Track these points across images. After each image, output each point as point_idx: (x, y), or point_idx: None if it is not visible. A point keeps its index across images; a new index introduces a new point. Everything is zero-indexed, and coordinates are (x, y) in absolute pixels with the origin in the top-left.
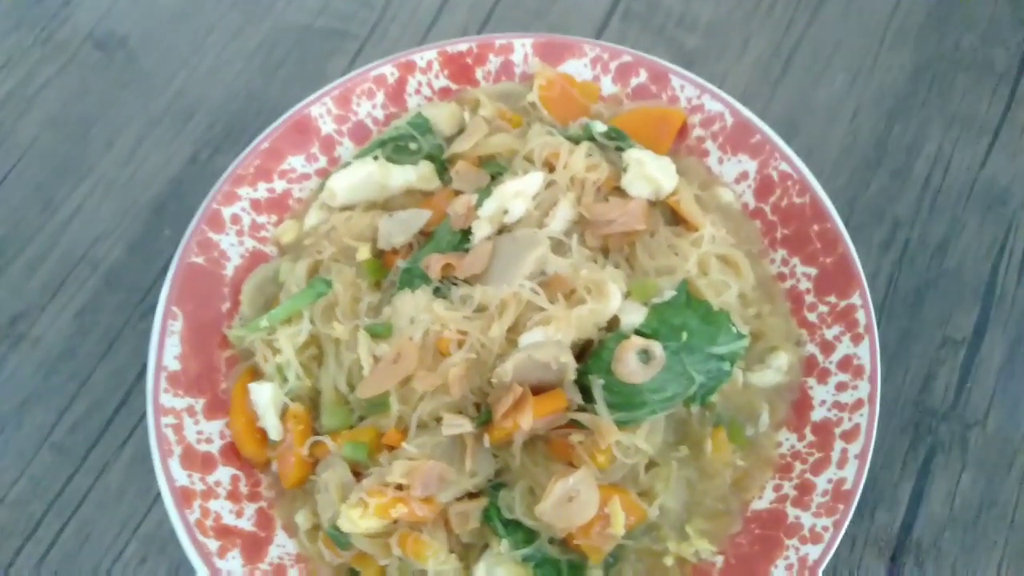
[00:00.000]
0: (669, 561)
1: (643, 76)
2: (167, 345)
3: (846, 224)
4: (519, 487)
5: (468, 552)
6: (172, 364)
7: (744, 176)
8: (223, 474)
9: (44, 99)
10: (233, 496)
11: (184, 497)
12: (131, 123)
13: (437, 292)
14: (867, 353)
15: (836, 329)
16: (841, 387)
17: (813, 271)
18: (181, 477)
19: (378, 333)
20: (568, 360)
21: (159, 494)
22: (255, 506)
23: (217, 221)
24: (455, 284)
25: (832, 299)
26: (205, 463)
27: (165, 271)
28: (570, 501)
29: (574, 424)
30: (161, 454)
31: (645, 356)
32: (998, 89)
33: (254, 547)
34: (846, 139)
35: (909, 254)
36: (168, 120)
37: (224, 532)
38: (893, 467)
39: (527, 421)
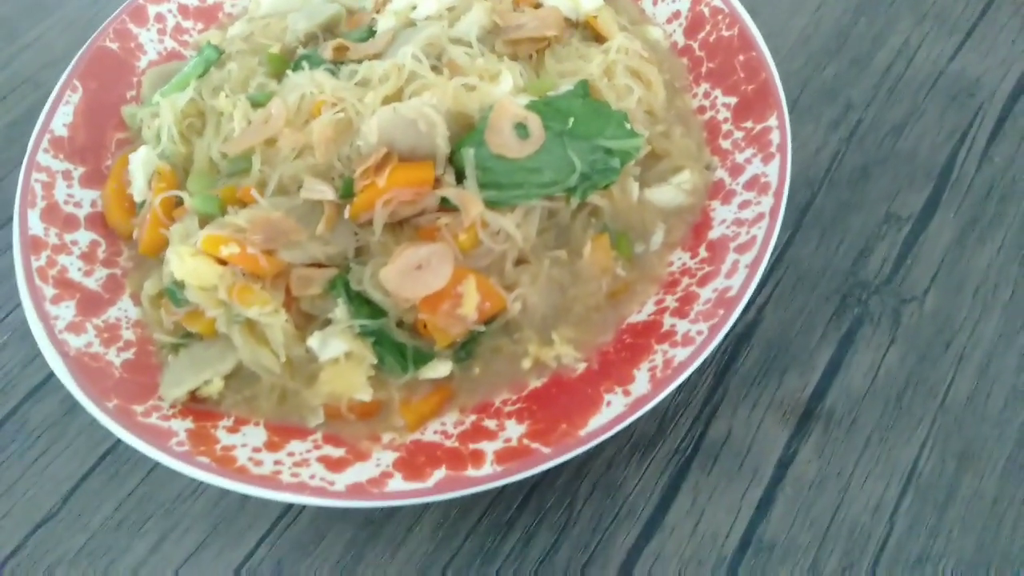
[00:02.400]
0: (527, 364)
1: None
2: (59, 112)
3: (795, 103)
4: (373, 262)
5: (308, 324)
6: (60, 131)
7: (676, 16)
8: (83, 237)
9: None
10: (87, 258)
11: (34, 245)
12: None
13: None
14: (775, 171)
15: (748, 152)
16: (744, 205)
17: (733, 100)
18: (36, 227)
19: (258, 101)
20: (438, 121)
21: None
22: (108, 271)
23: (140, 15)
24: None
25: (748, 124)
26: (67, 222)
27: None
28: (418, 269)
29: (445, 210)
30: (22, 204)
31: (524, 131)
32: None
33: (93, 303)
34: (807, 28)
35: (859, 134)
36: None
37: (65, 284)
38: (811, 334)
39: (383, 179)
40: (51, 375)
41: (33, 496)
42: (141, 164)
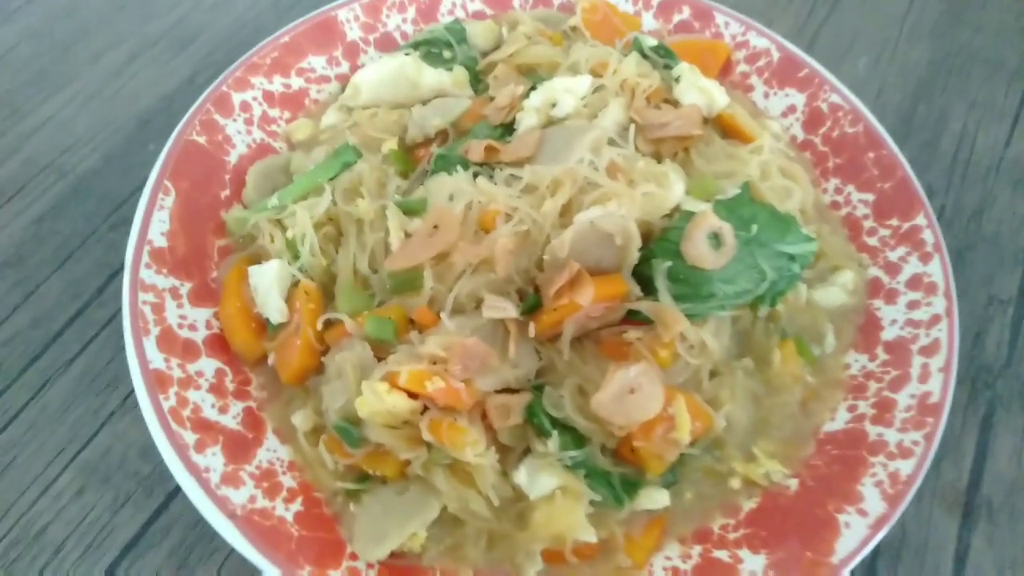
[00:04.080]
0: (736, 483)
1: (686, 12)
2: (155, 219)
3: None
4: (568, 384)
5: (505, 457)
6: (159, 240)
7: (792, 110)
8: (207, 366)
9: (27, 13)
10: (217, 391)
11: (159, 382)
12: (124, 42)
13: (476, 177)
14: (939, 270)
15: (901, 250)
16: (913, 305)
17: (870, 197)
18: (157, 359)
19: (412, 208)
20: (634, 233)
21: (111, 414)
22: (242, 405)
23: (225, 104)
24: (499, 169)
25: (894, 222)
26: (187, 350)
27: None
28: (631, 394)
29: (629, 321)
30: (135, 332)
31: (715, 241)
32: (1012, 84)
33: (239, 447)
34: (874, 113)
35: (946, 219)
36: (166, 42)
37: (204, 426)
38: (954, 420)
39: (586, 297)
40: (148, 524)
41: None
42: (274, 282)
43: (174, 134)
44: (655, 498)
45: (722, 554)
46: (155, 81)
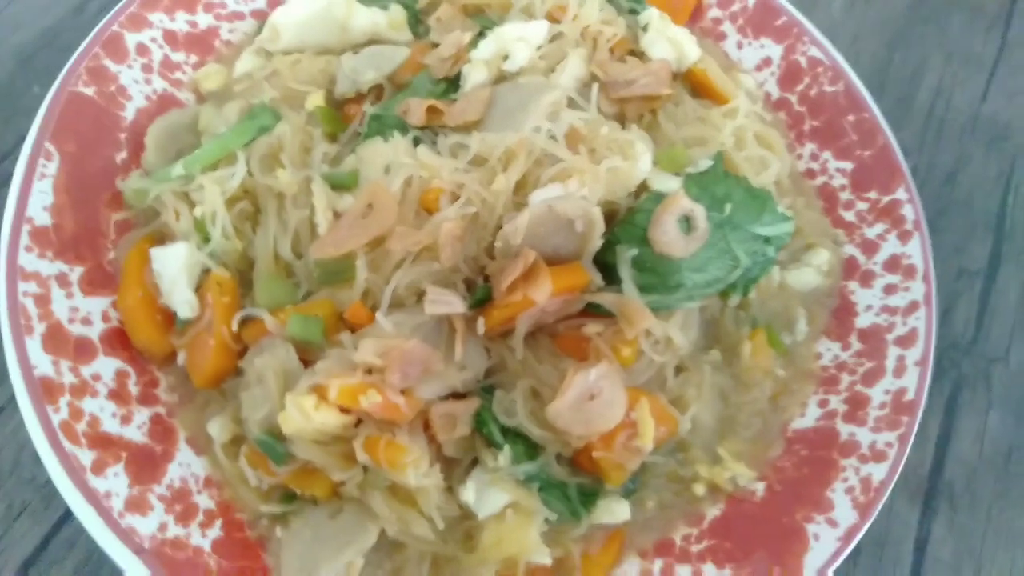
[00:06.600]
0: (700, 489)
1: None
2: (35, 190)
3: None
4: (521, 387)
5: (451, 471)
6: (40, 217)
7: (767, 63)
8: (105, 367)
9: None
10: (118, 396)
11: (46, 391)
12: None
13: (416, 144)
14: (918, 251)
15: (879, 227)
16: (890, 289)
17: (848, 165)
18: (43, 363)
19: (341, 183)
20: (598, 218)
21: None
22: (149, 411)
23: (118, 48)
24: (443, 135)
25: (872, 195)
26: (80, 350)
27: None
28: (591, 400)
29: (588, 314)
30: (14, 330)
31: (686, 225)
32: (991, 30)
33: (145, 464)
34: (848, 61)
35: (919, 180)
36: None
37: (103, 442)
38: None
39: (543, 293)
40: (48, 538)
41: None
42: (183, 269)
43: (55, 85)
44: (614, 511)
45: (684, 570)
46: (38, 10)
